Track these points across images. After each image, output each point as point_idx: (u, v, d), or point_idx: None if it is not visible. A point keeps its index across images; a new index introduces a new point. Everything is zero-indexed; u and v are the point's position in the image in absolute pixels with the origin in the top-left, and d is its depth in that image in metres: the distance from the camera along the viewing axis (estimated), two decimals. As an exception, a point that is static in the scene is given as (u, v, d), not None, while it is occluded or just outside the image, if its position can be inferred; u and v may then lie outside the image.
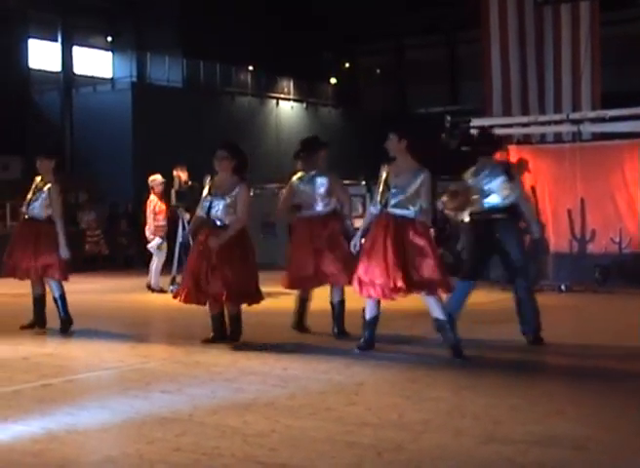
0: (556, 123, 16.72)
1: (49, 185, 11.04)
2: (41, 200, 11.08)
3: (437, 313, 8.61)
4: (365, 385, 7.25)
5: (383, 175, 8.84)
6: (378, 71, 47.03)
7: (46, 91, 34.86)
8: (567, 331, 9.67)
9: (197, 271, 9.26)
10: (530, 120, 16.94)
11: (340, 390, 7.03)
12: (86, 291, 16.56)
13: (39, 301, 11.14)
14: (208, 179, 9.75)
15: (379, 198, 8.79)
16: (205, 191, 9.60)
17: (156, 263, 15.62)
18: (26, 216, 11.14)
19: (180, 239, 15.36)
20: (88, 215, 24.29)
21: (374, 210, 8.86)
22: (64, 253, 10.75)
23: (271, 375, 7.61)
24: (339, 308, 9.84)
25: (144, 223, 16.04)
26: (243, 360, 8.44)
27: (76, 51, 34.23)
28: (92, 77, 37.62)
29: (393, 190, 8.64)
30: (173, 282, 15.12)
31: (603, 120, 16.09)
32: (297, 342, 9.54)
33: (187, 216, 15.12)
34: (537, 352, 8.93)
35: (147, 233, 15.75)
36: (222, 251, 9.18)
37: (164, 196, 15.82)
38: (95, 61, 38.85)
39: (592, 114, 16.47)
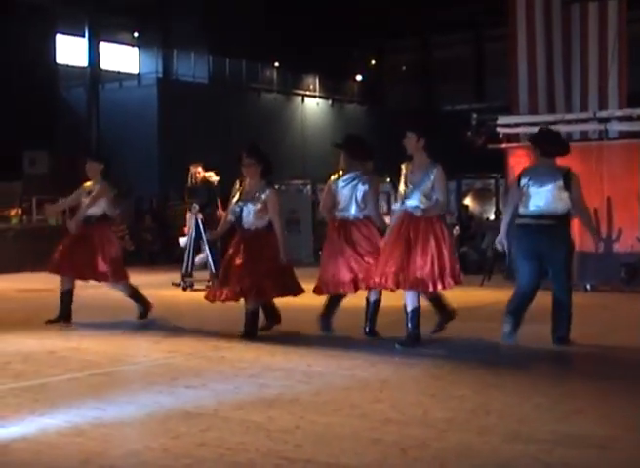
0: (583, 121, 16.62)
1: (99, 184, 11.35)
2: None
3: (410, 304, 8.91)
4: (389, 382, 7.24)
5: (403, 172, 9.11)
6: (404, 68, 46.95)
7: (73, 86, 35.01)
8: (592, 330, 9.62)
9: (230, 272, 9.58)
10: (556, 118, 16.84)
11: (364, 387, 7.03)
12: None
13: (67, 295, 11.31)
14: (237, 185, 9.86)
15: (399, 195, 9.08)
16: (235, 197, 9.83)
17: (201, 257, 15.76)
18: (83, 220, 11.38)
19: (193, 236, 15.37)
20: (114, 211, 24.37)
21: (395, 207, 9.20)
22: (127, 245, 11.19)
23: (296, 371, 7.62)
24: (373, 307, 9.75)
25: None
26: (267, 356, 8.46)
27: (103, 46, 34.34)
28: (118, 73, 37.78)
29: (410, 187, 8.93)
30: (185, 277, 15.34)
31: (630, 118, 16.00)
32: (321, 339, 9.55)
33: (200, 215, 15.10)
34: (561, 351, 8.90)
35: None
36: (254, 250, 9.52)
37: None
38: (121, 57, 39.01)
39: (619, 113, 16.37)
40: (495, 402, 6.46)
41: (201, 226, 15.17)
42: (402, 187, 9.05)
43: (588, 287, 14.70)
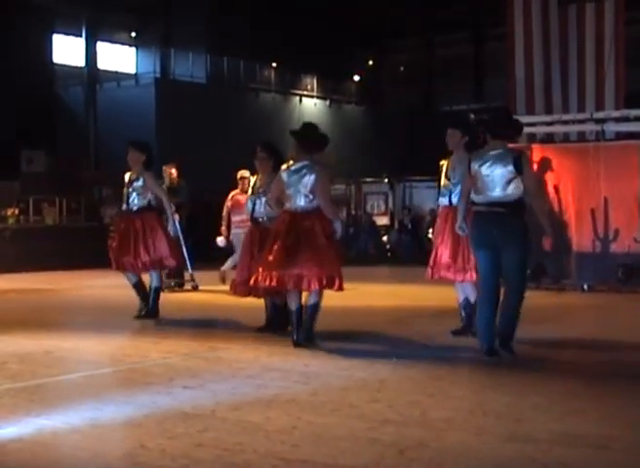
0: (580, 122, 16.65)
1: (142, 174, 11.36)
2: (138, 189, 11.33)
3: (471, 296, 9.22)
4: (387, 382, 7.23)
5: (443, 168, 9.41)
6: (401, 69, 46.97)
7: (70, 86, 35.02)
8: (589, 330, 9.63)
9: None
10: (553, 119, 16.88)
11: (362, 387, 7.02)
12: (109, 285, 16.63)
13: (140, 287, 11.55)
14: (251, 180, 10.16)
15: (442, 190, 9.39)
16: (249, 192, 10.21)
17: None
18: (128, 211, 11.40)
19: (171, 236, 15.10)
20: (111, 211, 24.36)
21: (440, 201, 9.48)
22: (172, 230, 11.39)
23: (293, 372, 7.62)
24: (312, 310, 9.16)
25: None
26: (265, 356, 8.45)
27: (100, 46, 34.37)
28: (116, 72, 37.78)
29: (453, 182, 9.19)
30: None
31: (627, 119, 16.02)
32: (318, 339, 9.54)
33: (177, 217, 14.94)
34: (559, 351, 8.90)
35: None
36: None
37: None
38: (119, 57, 39.02)
39: (616, 113, 16.40)
40: (492, 402, 6.45)
41: (178, 226, 15.02)
42: (444, 182, 9.34)
43: (585, 287, 14.71)
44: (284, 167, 9.25)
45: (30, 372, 7.71)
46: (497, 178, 8.20)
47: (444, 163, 9.50)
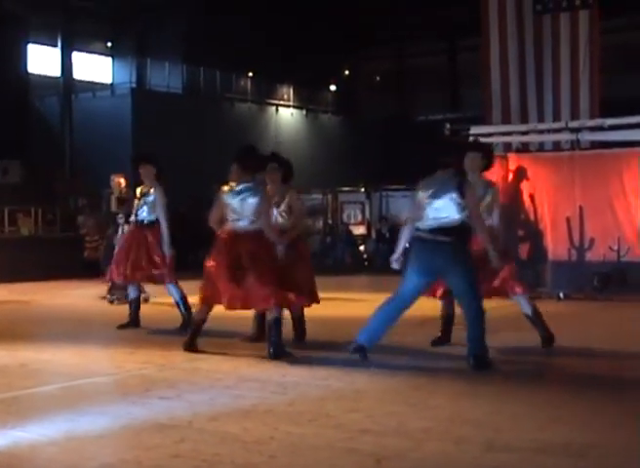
0: (555, 131, 16.73)
1: (154, 189, 11.46)
2: (149, 204, 11.46)
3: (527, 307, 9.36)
4: (365, 392, 7.22)
5: None
6: (378, 78, 47.06)
7: (46, 96, 34.85)
8: (566, 338, 9.64)
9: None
10: (529, 128, 16.97)
11: (339, 397, 7.00)
12: (84, 296, 16.58)
13: (137, 303, 11.72)
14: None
15: None
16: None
17: None
18: (136, 223, 11.56)
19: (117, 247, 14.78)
20: (87, 221, 24.26)
21: None
22: (167, 250, 11.24)
23: (271, 382, 7.59)
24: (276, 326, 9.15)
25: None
26: (243, 366, 8.43)
27: (76, 56, 34.18)
28: (91, 82, 37.63)
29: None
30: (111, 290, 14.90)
31: (602, 128, 16.11)
32: (295, 349, 9.52)
33: (126, 227, 14.72)
34: (536, 359, 8.93)
35: None
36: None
37: None
38: (94, 67, 38.86)
39: (591, 123, 16.48)
40: (472, 411, 6.45)
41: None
42: None
43: (561, 295, 14.75)
44: (225, 188, 9.33)
45: (6, 385, 7.65)
46: (439, 205, 8.36)
47: None
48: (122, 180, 15.73)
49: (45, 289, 18.05)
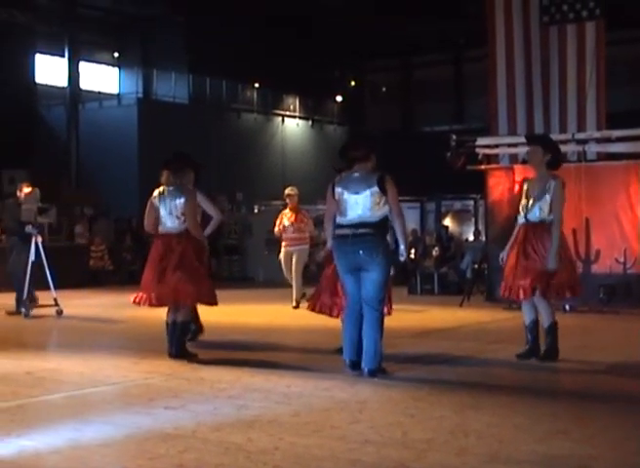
0: (561, 143, 16.64)
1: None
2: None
3: (548, 318, 9.25)
4: (368, 403, 7.22)
5: (524, 187, 9.51)
6: (383, 89, 47.10)
7: (52, 106, 34.97)
8: (571, 350, 9.64)
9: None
10: (535, 140, 16.93)
11: (343, 408, 7.01)
12: (90, 305, 16.61)
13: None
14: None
15: (522, 208, 9.43)
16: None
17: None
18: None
19: (32, 258, 14.41)
20: (87, 231, 24.38)
21: (518, 219, 9.51)
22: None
23: (275, 392, 7.60)
24: (181, 329, 9.75)
25: None
26: (247, 377, 8.43)
27: (83, 66, 34.32)
28: (98, 93, 37.73)
29: (531, 200, 9.28)
30: (26, 303, 14.38)
31: (608, 140, 16.10)
32: (300, 359, 9.54)
33: (40, 238, 14.49)
34: (541, 371, 8.91)
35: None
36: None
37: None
38: (101, 77, 38.98)
39: (597, 134, 16.48)
40: (474, 422, 6.45)
41: (42, 248, 14.52)
42: (523, 201, 9.37)
43: (567, 307, 14.73)
44: (155, 193, 9.81)
45: (11, 393, 7.68)
46: (360, 200, 8.38)
47: (526, 182, 9.60)
48: (27, 190, 15.29)
49: (50, 298, 18.05)
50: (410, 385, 8.02)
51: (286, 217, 15.93)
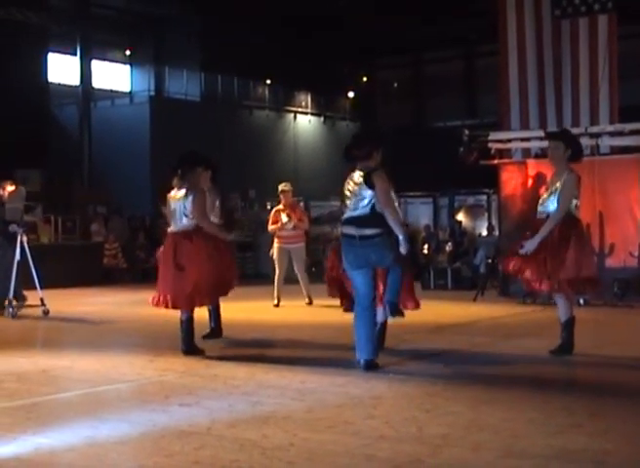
0: (574, 136, 16.66)
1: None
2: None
3: (565, 313, 9.25)
4: (383, 399, 7.23)
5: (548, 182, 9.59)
6: (395, 85, 47.04)
7: (65, 104, 35.02)
8: (586, 344, 9.62)
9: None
10: (548, 134, 16.90)
11: (357, 403, 7.02)
12: (104, 303, 16.66)
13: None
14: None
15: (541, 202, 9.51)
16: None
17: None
18: None
19: (17, 257, 14.23)
20: (103, 229, 24.43)
21: (538, 213, 9.55)
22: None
23: (289, 389, 7.61)
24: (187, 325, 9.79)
25: None
26: (261, 373, 8.45)
27: (95, 64, 34.35)
28: (110, 91, 37.80)
29: (548, 193, 9.38)
30: (12, 303, 14.15)
31: (621, 134, 16.06)
32: (313, 355, 9.55)
33: (26, 238, 14.34)
34: (555, 366, 8.90)
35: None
36: None
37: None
38: (113, 75, 39.04)
39: (611, 128, 16.44)
40: (489, 417, 6.45)
41: (27, 248, 14.41)
42: (544, 195, 9.44)
43: (582, 301, 14.70)
44: (171, 194, 9.94)
45: (27, 391, 7.70)
46: (357, 196, 8.54)
47: (549, 180, 9.64)
48: (12, 188, 15.17)
49: (64, 296, 18.11)
50: (424, 380, 8.02)
51: (284, 214, 15.82)
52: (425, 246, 23.60)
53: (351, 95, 44.70)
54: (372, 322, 8.57)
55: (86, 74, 32.88)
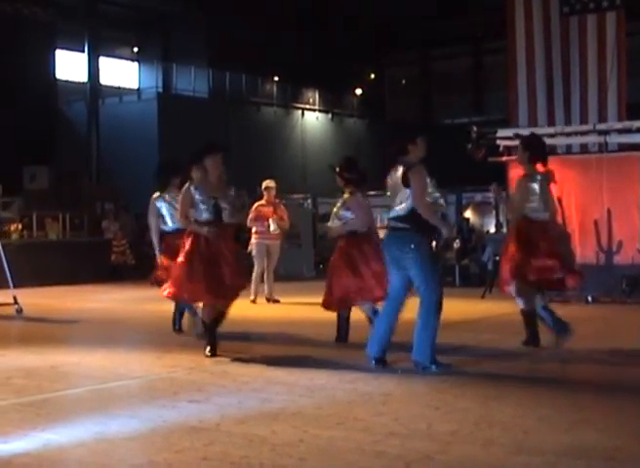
0: (582, 134, 16.64)
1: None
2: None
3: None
4: (392, 395, 7.22)
5: None
6: (403, 82, 47.02)
7: (73, 101, 35.09)
8: (595, 341, 9.62)
9: None
10: (556, 131, 16.87)
11: (367, 400, 7.02)
12: (112, 300, 16.67)
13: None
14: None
15: None
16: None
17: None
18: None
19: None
20: (114, 225, 24.43)
21: None
22: None
23: (298, 385, 7.61)
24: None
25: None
26: (270, 370, 8.45)
27: (103, 61, 34.41)
28: (118, 88, 37.87)
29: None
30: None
31: (630, 131, 16.02)
32: (322, 352, 9.55)
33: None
34: (564, 362, 8.89)
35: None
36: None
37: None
38: (121, 72, 39.10)
39: (619, 125, 16.39)
40: (498, 414, 6.44)
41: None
42: None
43: (590, 299, 14.70)
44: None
45: (36, 387, 7.71)
46: (396, 194, 8.50)
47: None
48: None
49: (73, 293, 18.15)
50: (433, 377, 8.01)
51: (272, 220, 15.78)
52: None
53: (359, 91, 44.68)
54: (393, 322, 8.55)
55: (94, 71, 32.93)
